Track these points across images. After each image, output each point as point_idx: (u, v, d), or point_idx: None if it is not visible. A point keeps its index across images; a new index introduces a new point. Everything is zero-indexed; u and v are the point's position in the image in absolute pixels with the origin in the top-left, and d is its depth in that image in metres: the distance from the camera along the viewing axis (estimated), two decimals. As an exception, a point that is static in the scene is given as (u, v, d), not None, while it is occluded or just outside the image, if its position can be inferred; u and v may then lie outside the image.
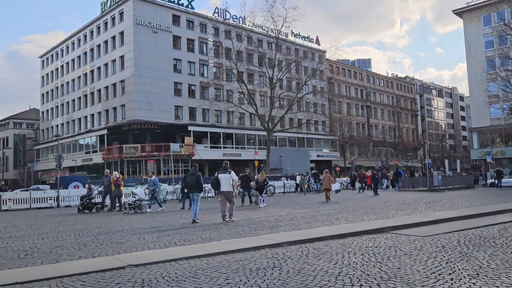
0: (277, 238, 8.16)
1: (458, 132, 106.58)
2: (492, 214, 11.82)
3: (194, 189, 12.65)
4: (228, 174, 12.34)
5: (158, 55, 49.28)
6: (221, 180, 12.24)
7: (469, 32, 54.34)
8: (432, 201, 18.13)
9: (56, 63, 64.26)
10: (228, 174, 12.34)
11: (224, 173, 12.35)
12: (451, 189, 29.40)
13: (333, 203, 19.14)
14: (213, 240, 8.49)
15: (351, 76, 77.00)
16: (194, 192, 12.70)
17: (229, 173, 12.38)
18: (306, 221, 11.53)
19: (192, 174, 12.80)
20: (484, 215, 11.65)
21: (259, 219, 12.68)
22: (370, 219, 11.35)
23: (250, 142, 54.59)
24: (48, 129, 65.68)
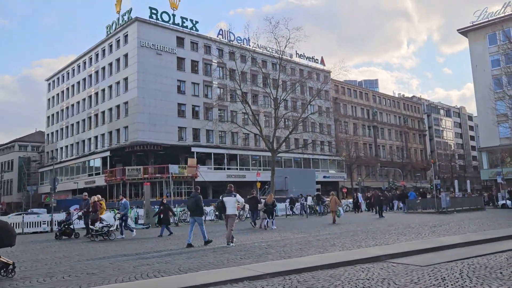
0: (261, 268, 7.43)
1: (467, 152, 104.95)
2: (500, 240, 10.95)
3: (194, 212, 12.63)
4: (233, 197, 12.30)
5: (162, 77, 49.28)
6: (226, 203, 12.21)
7: (475, 51, 53.83)
8: (438, 224, 17.22)
9: (62, 85, 64.70)
10: (233, 197, 12.30)
11: (229, 196, 12.32)
12: (460, 211, 28.29)
13: (334, 226, 18.31)
14: (190, 271, 7.77)
15: (357, 96, 76.52)
16: (195, 216, 12.67)
17: (234, 196, 12.33)
18: (300, 247, 10.76)
19: (192, 197, 12.80)
20: (492, 240, 10.78)
21: (251, 245, 11.94)
22: (368, 245, 10.55)
23: (253, 163, 53.80)
24: (53, 151, 65.63)
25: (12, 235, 7.99)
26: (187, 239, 12.37)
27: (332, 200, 21.54)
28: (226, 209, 12.20)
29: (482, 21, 51.94)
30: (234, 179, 52.93)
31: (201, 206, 12.63)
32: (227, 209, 12.19)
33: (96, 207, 16.43)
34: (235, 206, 12.34)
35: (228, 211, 12.20)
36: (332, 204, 21.43)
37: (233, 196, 12.31)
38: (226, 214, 12.35)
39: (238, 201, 12.45)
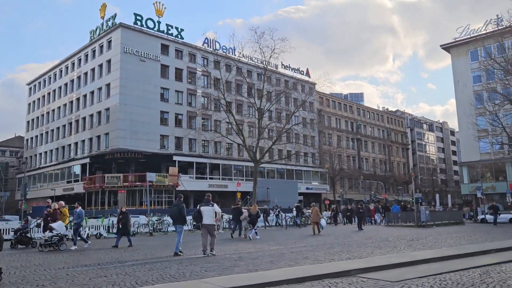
0: (221, 282, 7.00)
1: (449, 167, 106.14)
2: (476, 255, 10.71)
3: (177, 221, 12.56)
4: (211, 207, 12.05)
5: (145, 84, 48.68)
6: (203, 213, 11.96)
7: (457, 66, 54.62)
8: (416, 238, 16.98)
9: (43, 90, 63.56)
10: (210, 206, 12.06)
11: (207, 205, 12.06)
12: (439, 225, 28.21)
13: (311, 238, 17.95)
14: (147, 284, 7.30)
15: (341, 109, 76.88)
16: (177, 224, 12.62)
17: (212, 206, 12.10)
18: (271, 260, 10.35)
19: (175, 206, 12.70)
20: (467, 255, 10.54)
21: (221, 257, 11.48)
22: (341, 258, 10.19)
23: (235, 173, 53.25)
24: (32, 157, 64.23)
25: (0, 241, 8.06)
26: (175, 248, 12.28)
27: (313, 212, 21.60)
28: (203, 218, 11.92)
29: (465, 38, 52.79)
30: (216, 188, 52.38)
31: (184, 215, 12.45)
32: (204, 218, 11.91)
33: (56, 215, 15.47)
34: (213, 216, 12.04)
35: (204, 221, 11.91)
36: (313, 216, 21.48)
37: (210, 206, 12.07)
38: (202, 224, 12.06)
39: (215, 211, 12.13)
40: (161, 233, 23.00)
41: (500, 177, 48.94)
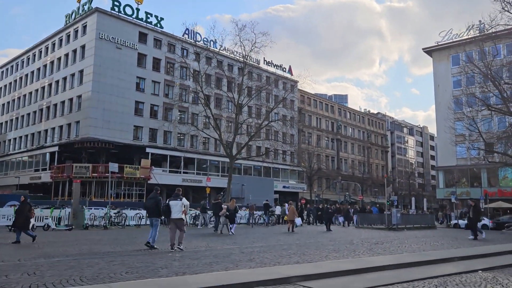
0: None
1: (427, 171, 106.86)
2: (436, 263, 9.87)
3: (153, 214, 12.54)
4: (180, 201, 12.03)
5: (120, 72, 47.05)
6: (172, 207, 11.92)
7: (438, 71, 54.49)
8: (381, 241, 16.19)
9: (15, 74, 61.21)
10: (179, 201, 12.04)
11: (175, 199, 12.07)
12: (411, 229, 27.65)
13: (271, 237, 16.99)
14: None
15: (322, 108, 76.30)
16: (153, 217, 12.58)
17: (180, 200, 12.08)
18: (211, 261, 9.31)
19: (152, 198, 12.64)
20: (427, 263, 9.68)
21: (163, 254, 10.39)
22: (288, 262, 9.22)
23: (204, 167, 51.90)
24: (0, 143, 61.83)
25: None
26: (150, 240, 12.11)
27: (290, 210, 22.18)
28: (172, 213, 11.86)
29: (447, 42, 52.64)
30: (190, 183, 51.13)
31: (160, 208, 12.34)
32: (172, 213, 11.85)
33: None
34: (181, 210, 11.92)
35: (173, 215, 11.85)
36: (290, 214, 22.03)
37: (179, 200, 12.03)
38: (171, 218, 12.01)
39: (184, 205, 12.08)
40: (119, 227, 21.75)
41: (475, 183, 48.93)
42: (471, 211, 19.13)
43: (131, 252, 10.87)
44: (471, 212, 19.12)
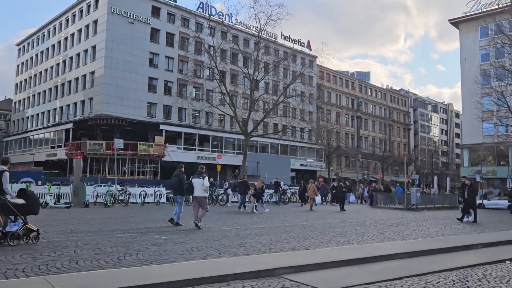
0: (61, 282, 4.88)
1: (451, 149, 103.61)
2: (456, 250, 8.55)
3: (176, 191, 12.74)
4: (201, 180, 11.96)
5: (133, 48, 46.05)
6: (195, 185, 11.96)
7: (465, 43, 51.53)
8: (396, 223, 14.88)
9: (31, 51, 61.02)
10: (201, 179, 11.98)
11: (198, 177, 12.05)
12: (431, 209, 26.15)
13: (276, 218, 15.86)
14: None
15: (342, 84, 73.95)
16: (176, 194, 12.78)
17: (203, 178, 11.99)
18: (196, 246, 8.23)
19: (175, 176, 12.66)
20: (445, 251, 8.38)
21: (149, 239, 9.39)
22: (281, 249, 8.06)
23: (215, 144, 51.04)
24: (19, 120, 62.26)
25: (37, 204, 8.62)
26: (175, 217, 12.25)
27: (311, 188, 22.23)
28: (194, 190, 11.93)
29: (475, 12, 49.51)
30: (205, 161, 50.27)
31: (183, 185, 12.35)
32: (195, 190, 11.92)
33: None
34: (203, 188, 11.91)
35: (195, 193, 11.94)
36: (310, 192, 22.21)
37: (201, 178, 11.97)
38: (193, 196, 12.17)
39: (203, 185, 11.90)
40: (122, 205, 21.01)
41: (502, 161, 46.62)
42: (466, 191, 16.71)
43: (112, 234, 9.90)
44: (466, 192, 16.70)
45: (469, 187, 16.81)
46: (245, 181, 20.48)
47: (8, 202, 7.80)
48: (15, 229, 7.89)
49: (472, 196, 16.79)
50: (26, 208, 8.02)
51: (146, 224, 12.60)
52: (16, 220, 8.06)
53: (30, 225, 8.07)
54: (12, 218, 8.07)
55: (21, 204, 7.93)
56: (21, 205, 7.93)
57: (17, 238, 7.82)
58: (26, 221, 8.02)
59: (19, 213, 7.90)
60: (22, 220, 7.99)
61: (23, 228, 7.93)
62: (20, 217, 7.98)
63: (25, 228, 7.95)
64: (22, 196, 8.18)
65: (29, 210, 8.12)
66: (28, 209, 8.07)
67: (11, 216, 8.01)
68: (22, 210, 7.95)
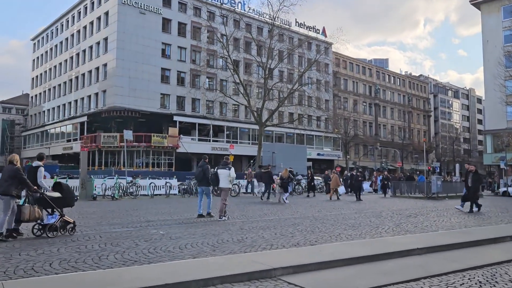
0: None
1: (474, 136, 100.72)
2: (481, 244, 7.66)
3: (201, 182, 12.43)
4: (227, 170, 11.84)
5: (145, 39, 45.55)
6: (220, 176, 11.83)
7: (487, 25, 49.39)
8: (415, 213, 13.95)
9: (46, 45, 61.21)
10: (227, 170, 11.86)
11: (224, 168, 11.96)
12: (453, 197, 24.95)
13: (289, 210, 15.09)
14: None
15: (359, 71, 72.21)
16: (202, 186, 12.44)
17: (229, 169, 11.88)
18: (188, 243, 7.54)
19: (200, 167, 12.51)
20: (468, 245, 7.49)
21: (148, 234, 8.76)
22: (285, 244, 7.30)
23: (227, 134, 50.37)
24: (36, 115, 62.77)
25: (72, 197, 9.04)
26: (198, 210, 12.17)
27: (334, 178, 22.24)
28: (219, 181, 11.81)
29: (498, -8, 47.33)
30: (220, 151, 49.73)
31: (208, 176, 12.19)
32: (220, 181, 11.81)
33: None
34: (228, 179, 11.83)
35: (221, 184, 11.85)
36: (334, 182, 22.12)
37: (227, 169, 11.86)
38: (219, 187, 12.15)
39: (230, 175, 11.82)
40: (131, 198, 20.56)
41: (528, 147, 44.70)
42: (471, 179, 15.03)
43: (108, 228, 9.32)
44: (470, 179, 15.03)
45: (474, 174, 15.24)
46: (269, 171, 20.36)
47: (46, 196, 8.14)
48: (52, 221, 8.22)
49: (477, 185, 15.38)
50: (63, 201, 8.44)
51: (149, 217, 12.02)
52: (53, 213, 8.38)
53: (67, 217, 8.49)
54: (49, 211, 8.38)
55: (57, 197, 8.31)
56: (58, 198, 8.32)
57: (55, 230, 8.16)
58: (63, 213, 8.41)
59: (56, 206, 8.27)
60: (59, 212, 8.34)
61: (60, 220, 8.30)
62: (57, 210, 8.33)
63: (62, 220, 8.33)
64: (58, 190, 8.54)
65: (65, 203, 8.56)
66: (64, 202, 8.49)
67: (48, 209, 8.34)
68: (59, 203, 8.34)
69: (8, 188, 7.74)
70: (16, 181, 7.83)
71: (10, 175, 7.84)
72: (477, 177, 15.44)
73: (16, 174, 7.85)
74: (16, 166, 8.10)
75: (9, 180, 7.80)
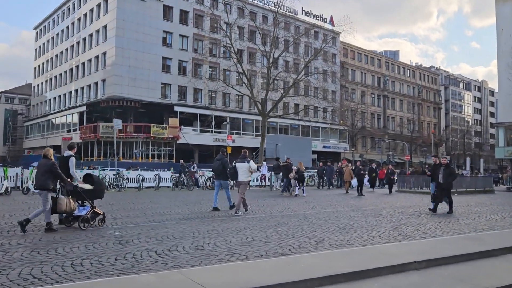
0: None
1: (485, 129, 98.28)
2: (493, 255, 6.25)
3: (220, 176, 12.16)
4: (247, 164, 11.58)
5: (145, 26, 44.25)
6: (239, 169, 11.56)
7: (502, 13, 47.25)
8: (419, 212, 12.56)
9: (48, 34, 60.22)
10: (246, 163, 11.61)
11: (242, 161, 11.69)
12: (462, 193, 23.49)
13: (279, 206, 13.76)
14: None
15: (368, 62, 70.23)
16: (221, 179, 12.18)
17: (248, 162, 11.61)
18: (134, 250, 6.25)
19: (218, 160, 12.19)
20: (480, 256, 6.10)
21: (101, 234, 7.50)
22: (251, 253, 5.97)
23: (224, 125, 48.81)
24: (38, 104, 62.01)
25: (103, 189, 9.16)
26: (213, 203, 12.02)
27: (346, 172, 22.18)
28: (238, 175, 11.54)
29: (514, -23, 45.12)
30: (222, 143, 48.43)
31: (227, 170, 11.93)
32: (239, 175, 11.53)
33: None
34: (247, 173, 11.59)
35: (240, 178, 11.55)
36: (346, 175, 22.19)
37: (246, 162, 11.59)
38: (238, 181, 11.82)
39: (251, 168, 11.56)
40: (116, 191, 19.35)
41: (543, 140, 42.82)
42: (442, 174, 12.49)
43: (58, 229, 8.07)
44: (442, 174, 12.49)
45: (445, 168, 12.68)
46: (288, 165, 20.22)
47: (79, 188, 8.29)
48: (84, 213, 8.34)
49: (450, 180, 12.77)
50: (94, 193, 8.62)
51: (119, 213, 10.77)
52: (83, 204, 8.53)
53: (97, 209, 8.62)
54: (80, 202, 8.52)
55: (89, 189, 8.48)
56: (89, 190, 8.49)
57: (86, 221, 8.26)
58: (94, 205, 8.53)
59: (87, 198, 8.44)
60: (90, 204, 8.48)
61: (91, 212, 8.42)
62: (89, 202, 8.48)
63: (93, 212, 8.46)
64: (89, 181, 8.73)
65: (96, 195, 8.72)
66: (95, 193, 8.66)
67: (79, 200, 8.50)
68: (90, 194, 8.52)
69: (45, 182, 7.90)
70: (52, 175, 7.95)
71: (46, 170, 7.95)
72: (450, 171, 12.91)
73: (51, 168, 7.94)
74: (52, 161, 8.11)
75: (45, 174, 7.93)
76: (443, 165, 12.77)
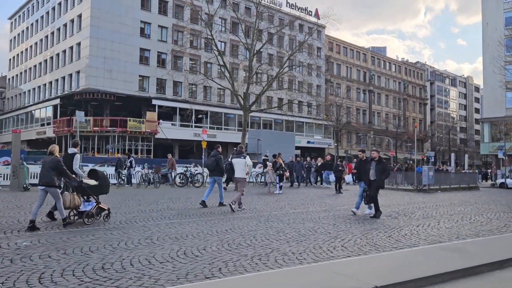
0: None
1: (470, 125, 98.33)
2: (482, 272, 5.00)
3: (214, 172, 11.81)
4: (243, 159, 11.36)
5: (122, 16, 42.38)
6: (235, 165, 11.34)
7: (488, 7, 46.54)
8: (397, 212, 11.34)
9: (22, 24, 57.88)
10: (242, 159, 11.39)
11: (239, 157, 11.47)
12: (446, 190, 22.53)
13: (246, 204, 12.44)
14: None
15: (353, 56, 69.17)
16: (214, 176, 11.84)
17: (244, 158, 11.41)
18: (33, 265, 4.88)
19: (212, 156, 11.89)
20: (463, 274, 4.83)
21: None
22: (165, 276, 4.63)
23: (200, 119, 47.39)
24: (13, 97, 59.69)
25: (108, 185, 9.16)
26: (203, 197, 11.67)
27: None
28: (235, 171, 11.33)
29: (500, -30, 44.35)
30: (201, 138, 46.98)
31: (221, 166, 11.68)
32: (236, 171, 11.32)
33: None
34: (244, 169, 11.26)
35: (236, 174, 11.35)
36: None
37: (242, 158, 11.38)
38: (235, 177, 11.64)
39: (246, 164, 11.31)
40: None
41: (528, 136, 42.21)
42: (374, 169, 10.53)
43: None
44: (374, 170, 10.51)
45: (378, 163, 10.61)
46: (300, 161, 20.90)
47: (83, 184, 8.29)
48: (89, 208, 8.42)
49: (384, 177, 10.83)
50: (99, 189, 8.61)
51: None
52: (88, 200, 8.54)
53: (102, 205, 8.72)
54: (85, 198, 8.53)
55: (94, 185, 8.44)
56: (94, 186, 8.46)
57: (91, 216, 8.39)
58: (99, 201, 8.61)
59: (92, 194, 8.46)
60: (95, 200, 8.54)
61: (96, 207, 8.51)
62: (94, 197, 8.54)
63: (97, 207, 8.55)
64: (93, 177, 8.65)
65: (101, 190, 8.71)
66: (100, 189, 8.64)
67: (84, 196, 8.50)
68: (96, 190, 8.53)
69: (51, 179, 7.94)
70: (56, 171, 7.98)
71: (51, 166, 7.95)
72: (383, 166, 10.72)
73: (56, 165, 7.97)
74: (57, 158, 8.13)
75: (51, 170, 7.94)
76: (375, 160, 10.72)
